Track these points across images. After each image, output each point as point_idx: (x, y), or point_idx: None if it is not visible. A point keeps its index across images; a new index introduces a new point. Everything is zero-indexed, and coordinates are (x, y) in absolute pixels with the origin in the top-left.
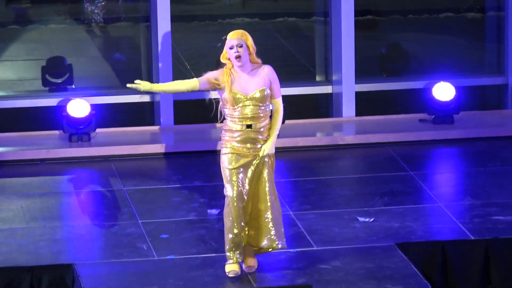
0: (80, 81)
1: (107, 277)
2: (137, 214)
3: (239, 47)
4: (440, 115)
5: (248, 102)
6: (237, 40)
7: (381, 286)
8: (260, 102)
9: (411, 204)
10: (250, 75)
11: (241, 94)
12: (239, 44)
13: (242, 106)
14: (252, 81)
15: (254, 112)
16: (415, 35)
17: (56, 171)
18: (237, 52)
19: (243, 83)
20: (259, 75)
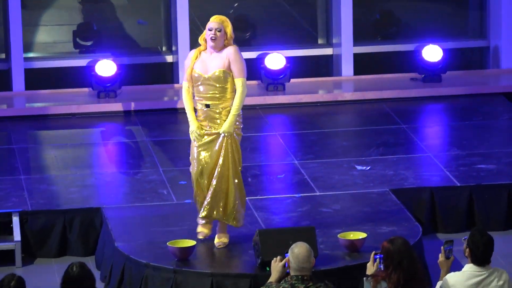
0: (107, 43)
1: (131, 219)
2: (159, 163)
3: (218, 31)
4: (429, 74)
5: (206, 82)
6: (218, 24)
7: (377, 227)
8: (217, 82)
9: (404, 154)
10: (212, 56)
11: (200, 73)
12: (219, 28)
13: (201, 85)
14: (214, 61)
15: (211, 92)
16: (407, 2)
17: (85, 125)
18: (214, 35)
19: (206, 62)
20: (220, 56)
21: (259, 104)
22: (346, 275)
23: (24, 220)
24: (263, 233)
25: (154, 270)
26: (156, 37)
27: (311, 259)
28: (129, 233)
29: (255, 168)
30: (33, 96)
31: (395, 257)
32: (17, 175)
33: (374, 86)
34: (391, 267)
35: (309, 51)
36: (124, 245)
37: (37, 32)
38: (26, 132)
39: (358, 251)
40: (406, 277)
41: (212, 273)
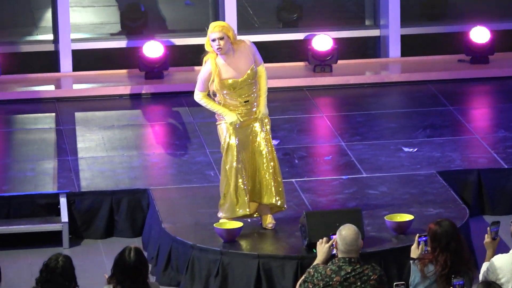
0: (154, 24)
1: (178, 200)
2: (205, 144)
3: (220, 39)
4: (477, 56)
5: (244, 84)
6: (218, 33)
7: (423, 209)
8: (252, 78)
9: (450, 136)
10: (236, 59)
11: (233, 79)
12: (221, 37)
13: (238, 89)
14: (240, 64)
15: (249, 90)
16: None
17: (132, 106)
18: (219, 45)
19: (232, 69)
20: (243, 56)
21: (306, 86)
22: (393, 258)
23: (72, 201)
24: (310, 215)
25: (200, 252)
26: (203, 18)
27: (358, 241)
28: (176, 214)
29: (302, 149)
30: (81, 77)
31: (442, 240)
32: (64, 156)
33: (421, 67)
34: (438, 249)
35: (356, 32)
36: (171, 226)
37: (84, 13)
38: (73, 113)
39: (405, 233)
40: (453, 260)
41: (258, 255)
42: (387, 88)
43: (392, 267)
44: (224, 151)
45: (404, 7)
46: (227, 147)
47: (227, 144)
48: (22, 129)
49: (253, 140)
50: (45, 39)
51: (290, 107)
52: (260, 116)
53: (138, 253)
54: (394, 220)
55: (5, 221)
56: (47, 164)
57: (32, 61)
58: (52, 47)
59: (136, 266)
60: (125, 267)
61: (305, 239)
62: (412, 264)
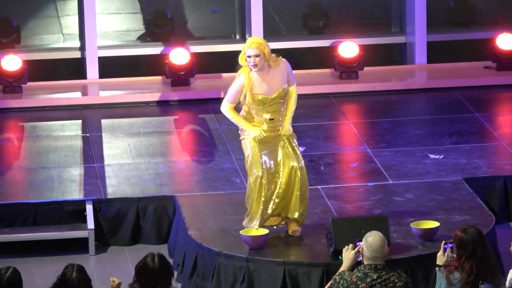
0: (180, 31)
1: (204, 207)
2: (231, 151)
3: (256, 56)
4: (503, 62)
5: (273, 102)
6: (254, 51)
7: (450, 216)
8: (281, 98)
9: (477, 142)
10: (270, 76)
11: (264, 96)
12: (257, 54)
13: (267, 106)
14: (273, 82)
15: (277, 109)
16: None
17: (159, 113)
18: (254, 62)
19: (264, 85)
20: (278, 74)
21: (332, 92)
22: (419, 264)
23: (98, 208)
24: (336, 222)
25: (226, 259)
26: (229, 25)
27: (384, 248)
28: (202, 221)
29: (328, 156)
30: (107, 84)
31: (468, 246)
32: (90, 163)
33: (447, 74)
34: (464, 256)
35: (383, 39)
36: (197, 233)
37: (111, 20)
38: (99, 120)
39: (431, 240)
40: (479, 267)
41: (284, 262)
42: (413, 94)
43: (418, 274)
44: (248, 165)
45: (430, 13)
46: (250, 161)
47: (250, 158)
48: (49, 136)
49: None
50: (72, 46)
51: (316, 113)
52: (283, 133)
53: (162, 259)
54: (420, 227)
55: (32, 228)
56: (74, 171)
57: (59, 68)
58: (78, 54)
59: (160, 271)
60: (149, 272)
61: (331, 246)
62: (438, 271)
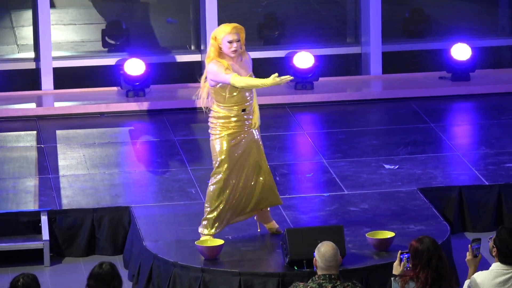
0: (136, 42)
1: (159, 218)
2: (187, 162)
3: (237, 41)
4: (458, 73)
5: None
6: (236, 36)
7: (405, 226)
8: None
9: (432, 152)
10: (242, 63)
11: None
12: (238, 39)
13: (239, 93)
14: (243, 68)
15: (248, 95)
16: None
17: (114, 123)
18: (236, 47)
19: (238, 71)
20: (246, 62)
21: (287, 103)
22: (374, 274)
23: (53, 219)
24: (291, 232)
25: (182, 269)
26: (185, 36)
27: (337, 257)
28: (157, 232)
29: (284, 167)
30: (62, 95)
31: (423, 257)
32: (46, 174)
33: (403, 84)
34: (419, 266)
35: (338, 49)
36: (152, 244)
37: (66, 31)
38: (54, 131)
39: (386, 250)
40: (434, 277)
41: (240, 272)
42: (369, 105)
43: (373, 284)
44: (218, 166)
45: (386, 24)
46: (220, 163)
47: (221, 160)
48: (3, 147)
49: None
50: (27, 57)
51: (272, 124)
52: (257, 126)
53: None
54: (376, 237)
55: None
56: (29, 182)
57: (14, 79)
58: (33, 65)
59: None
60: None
61: (286, 256)
62: (393, 281)
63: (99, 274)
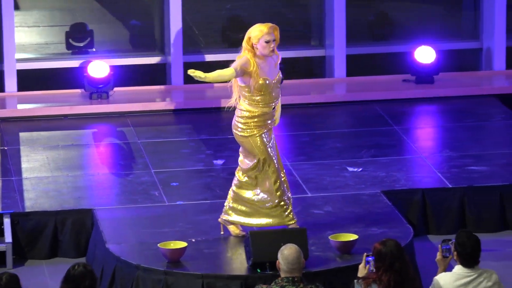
0: (100, 44)
1: (122, 220)
2: (150, 164)
3: (274, 41)
4: (422, 75)
5: (275, 86)
6: (274, 36)
7: (368, 229)
8: (280, 83)
9: (395, 155)
10: (270, 61)
11: (268, 79)
12: (274, 38)
13: (270, 91)
14: (272, 67)
15: (278, 94)
16: (400, 4)
17: (78, 126)
18: (273, 47)
19: (267, 69)
20: (274, 60)
21: None
22: (337, 277)
23: (16, 222)
24: (255, 235)
25: (145, 272)
26: (149, 39)
27: (300, 260)
28: (120, 234)
29: None
30: (25, 97)
31: (386, 259)
32: (8, 176)
33: (367, 87)
34: (382, 269)
35: (302, 52)
36: (115, 246)
37: (29, 33)
38: (18, 133)
39: (349, 252)
40: (397, 279)
41: (203, 275)
42: (333, 107)
43: (336, 286)
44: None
45: (350, 27)
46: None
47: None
48: None
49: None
50: None
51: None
52: (276, 124)
53: (85, 266)
54: (339, 240)
55: None
56: None
57: None
58: None
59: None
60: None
61: (249, 259)
62: (356, 283)
63: (71, 276)
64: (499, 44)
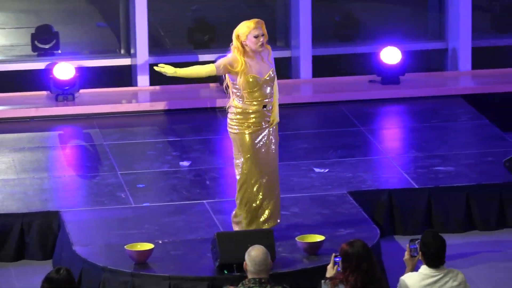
0: (65, 46)
1: (89, 223)
2: (117, 166)
3: (262, 36)
4: (388, 76)
5: (264, 84)
6: (262, 30)
7: (335, 230)
8: (272, 81)
9: (362, 156)
10: (261, 59)
11: (257, 76)
12: (262, 32)
13: (258, 89)
14: (263, 64)
15: (269, 92)
16: (366, 4)
17: (44, 128)
18: (262, 41)
19: (257, 66)
20: (267, 58)
21: (218, 107)
22: (304, 278)
23: None
24: (221, 236)
25: (111, 274)
26: (115, 40)
27: (268, 261)
28: (87, 236)
29: (214, 170)
30: None
31: (353, 260)
32: None
33: (333, 88)
34: (349, 269)
35: None
36: (82, 248)
37: None
38: None
39: (316, 253)
40: (364, 280)
41: (170, 276)
42: (299, 109)
43: (303, 287)
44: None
45: (316, 28)
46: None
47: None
48: None
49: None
50: None
51: (202, 128)
52: (275, 123)
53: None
54: (306, 241)
55: None
56: None
57: None
58: None
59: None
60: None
61: (216, 260)
62: (323, 283)
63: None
64: (465, 45)
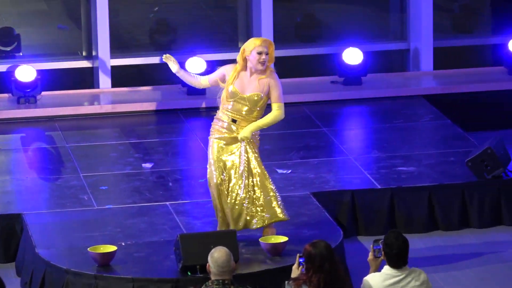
0: (27, 49)
1: (52, 225)
2: (79, 168)
3: (266, 54)
4: (350, 77)
5: (241, 100)
6: (267, 48)
7: (299, 231)
8: (250, 103)
9: (324, 157)
10: (254, 78)
11: (237, 90)
12: (267, 52)
13: (234, 102)
14: (253, 83)
15: (242, 110)
16: (328, 5)
17: (5, 131)
18: (264, 59)
19: (245, 82)
20: (261, 81)
21: (180, 108)
22: (268, 279)
23: None
24: (184, 238)
25: (75, 276)
26: (76, 42)
27: (231, 262)
28: (50, 239)
29: (176, 172)
30: None
31: (316, 260)
32: None
33: (295, 89)
34: (312, 270)
35: (230, 54)
36: (44, 251)
37: None
38: None
39: (280, 254)
40: (327, 280)
41: (133, 278)
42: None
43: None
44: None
45: (278, 29)
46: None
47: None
48: None
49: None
50: None
51: (165, 130)
52: (240, 137)
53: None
54: (269, 242)
55: None
56: None
57: None
58: None
59: None
60: None
61: (179, 262)
62: (287, 284)
63: None
64: (426, 45)
